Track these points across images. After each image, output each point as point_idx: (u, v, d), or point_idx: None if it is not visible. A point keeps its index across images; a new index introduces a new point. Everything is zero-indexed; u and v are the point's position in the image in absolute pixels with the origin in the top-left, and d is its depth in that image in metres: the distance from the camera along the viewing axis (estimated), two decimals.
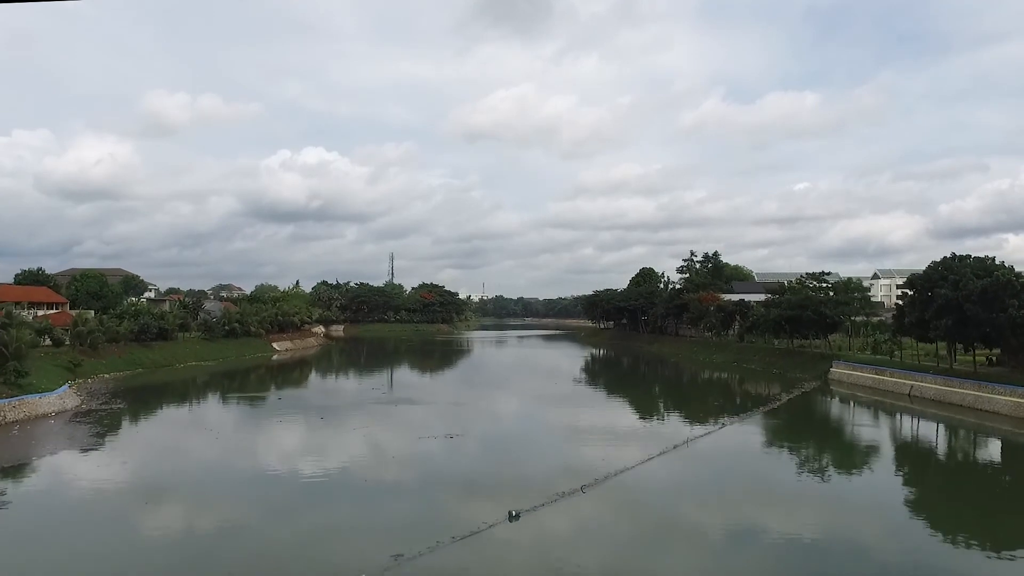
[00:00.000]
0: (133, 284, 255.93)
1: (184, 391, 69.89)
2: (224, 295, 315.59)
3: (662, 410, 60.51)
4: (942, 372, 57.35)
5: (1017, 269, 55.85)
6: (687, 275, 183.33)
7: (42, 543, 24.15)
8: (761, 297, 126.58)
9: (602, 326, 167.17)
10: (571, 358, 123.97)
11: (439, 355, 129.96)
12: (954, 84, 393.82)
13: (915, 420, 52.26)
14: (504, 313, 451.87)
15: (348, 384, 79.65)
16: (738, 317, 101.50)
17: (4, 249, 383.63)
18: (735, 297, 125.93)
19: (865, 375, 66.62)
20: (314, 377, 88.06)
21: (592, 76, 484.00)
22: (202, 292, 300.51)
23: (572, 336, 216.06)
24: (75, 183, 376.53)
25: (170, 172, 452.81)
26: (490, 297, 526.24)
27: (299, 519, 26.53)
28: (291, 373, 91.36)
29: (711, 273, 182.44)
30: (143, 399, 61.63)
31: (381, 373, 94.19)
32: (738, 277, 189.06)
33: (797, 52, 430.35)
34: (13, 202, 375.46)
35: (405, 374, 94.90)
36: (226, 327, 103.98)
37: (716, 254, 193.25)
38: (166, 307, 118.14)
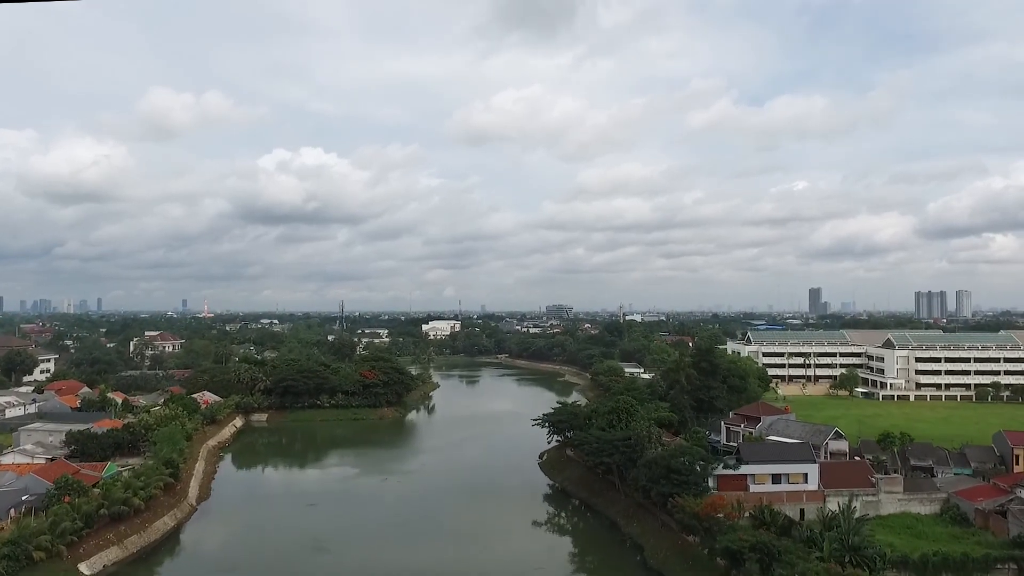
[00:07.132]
0: (18, 361, 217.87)
1: None
2: (149, 352, 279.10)
3: None
4: None
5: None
6: (677, 378, 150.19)
7: None
8: (790, 471, 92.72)
9: (568, 446, 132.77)
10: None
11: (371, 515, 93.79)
12: (949, 82, 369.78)
13: None
14: (475, 351, 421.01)
15: None
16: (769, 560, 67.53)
17: None
18: (752, 469, 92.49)
19: None
20: None
21: (605, 80, 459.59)
22: (125, 339, 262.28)
23: (548, 385, 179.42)
24: (65, 184, 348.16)
25: (163, 174, 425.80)
26: (461, 328, 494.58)
27: None
28: None
29: (705, 372, 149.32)
30: None
31: None
32: (737, 375, 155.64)
33: (803, 52, 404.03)
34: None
35: None
36: None
37: (712, 339, 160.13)
38: None
